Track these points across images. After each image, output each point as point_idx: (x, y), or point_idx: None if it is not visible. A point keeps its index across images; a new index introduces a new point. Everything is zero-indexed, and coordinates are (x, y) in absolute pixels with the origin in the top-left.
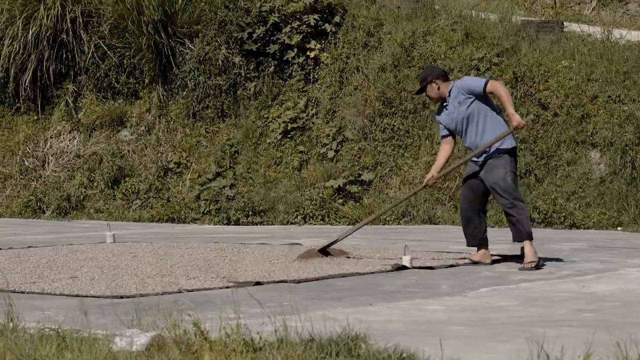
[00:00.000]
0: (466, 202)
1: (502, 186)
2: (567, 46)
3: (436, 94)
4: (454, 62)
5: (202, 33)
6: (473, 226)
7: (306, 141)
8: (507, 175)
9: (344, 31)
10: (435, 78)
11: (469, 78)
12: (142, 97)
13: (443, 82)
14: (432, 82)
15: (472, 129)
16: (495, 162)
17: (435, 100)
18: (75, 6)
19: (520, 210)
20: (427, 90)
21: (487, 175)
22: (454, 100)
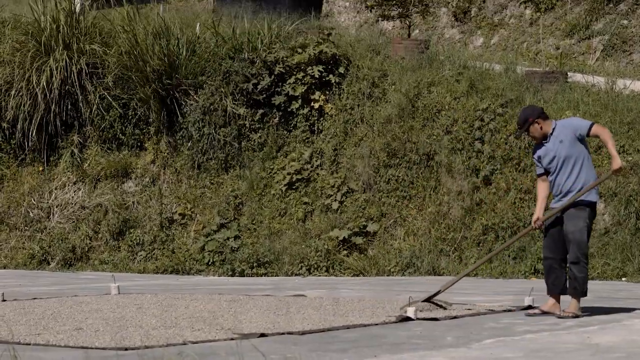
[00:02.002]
0: (549, 251)
1: (578, 238)
2: (571, 96)
3: (540, 133)
4: (458, 113)
5: (206, 84)
6: (554, 275)
7: (311, 192)
8: (584, 229)
9: (348, 82)
10: (536, 118)
11: (574, 118)
12: (147, 148)
13: (544, 121)
14: (534, 122)
15: (565, 170)
16: (578, 212)
17: (538, 139)
18: (81, 58)
19: (583, 268)
20: (531, 130)
21: (567, 222)
22: (556, 139)
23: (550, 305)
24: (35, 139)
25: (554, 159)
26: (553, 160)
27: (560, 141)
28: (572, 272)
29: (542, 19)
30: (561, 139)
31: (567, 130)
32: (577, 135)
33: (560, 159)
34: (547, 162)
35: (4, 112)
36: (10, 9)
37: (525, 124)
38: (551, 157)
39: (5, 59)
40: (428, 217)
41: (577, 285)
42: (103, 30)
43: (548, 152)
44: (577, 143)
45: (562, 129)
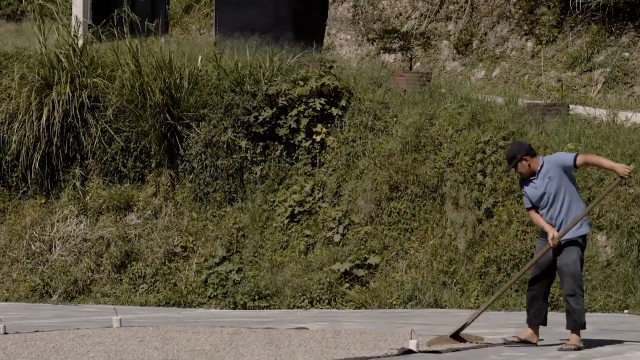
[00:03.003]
0: (535, 282)
1: (572, 271)
2: (573, 129)
3: (527, 170)
4: (460, 145)
5: (208, 117)
6: (537, 306)
7: (312, 225)
8: (577, 262)
9: (350, 115)
10: (524, 155)
11: (558, 153)
12: (149, 181)
13: (532, 158)
14: (522, 159)
15: (557, 205)
16: (572, 245)
17: (526, 176)
18: (83, 91)
19: (579, 300)
20: (519, 167)
21: (560, 255)
22: (544, 176)
23: (528, 334)
24: (38, 171)
25: (544, 195)
26: (543, 197)
27: (549, 177)
28: (569, 305)
29: (544, 52)
30: (550, 175)
31: (555, 166)
32: (565, 169)
33: (551, 195)
34: (537, 199)
35: (6, 145)
36: (13, 42)
37: (513, 160)
38: (541, 194)
39: (8, 93)
40: (430, 249)
41: (575, 318)
42: (105, 63)
43: (538, 189)
44: (565, 178)
45: (550, 165)
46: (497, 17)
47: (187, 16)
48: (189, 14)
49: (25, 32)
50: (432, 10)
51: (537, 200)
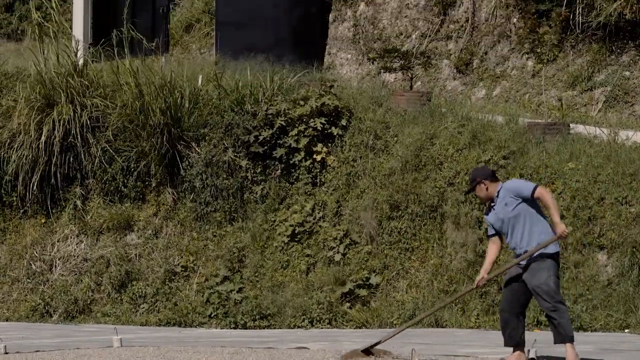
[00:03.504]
0: (506, 303)
1: (545, 289)
2: (573, 148)
3: (485, 194)
4: (461, 165)
5: (208, 136)
6: (511, 327)
7: (313, 244)
8: (549, 279)
9: (350, 134)
10: (483, 179)
11: (517, 181)
12: (150, 200)
13: (491, 183)
14: (480, 182)
15: (518, 230)
16: (539, 265)
17: (483, 200)
18: (83, 111)
19: (562, 313)
20: (476, 190)
21: (531, 278)
22: (502, 201)
23: (515, 356)
24: (38, 191)
25: (504, 222)
26: (503, 224)
27: (505, 204)
28: (553, 321)
29: (544, 71)
30: (506, 202)
31: (511, 193)
32: (521, 198)
33: (510, 221)
34: (499, 226)
35: (6, 165)
36: (13, 62)
37: (472, 183)
38: (501, 221)
39: (9, 112)
40: (431, 269)
41: (561, 331)
42: (105, 83)
43: (497, 215)
44: (523, 204)
45: (506, 192)
46: (498, 36)
47: (187, 36)
48: (189, 33)
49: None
50: (433, 29)
51: (499, 227)
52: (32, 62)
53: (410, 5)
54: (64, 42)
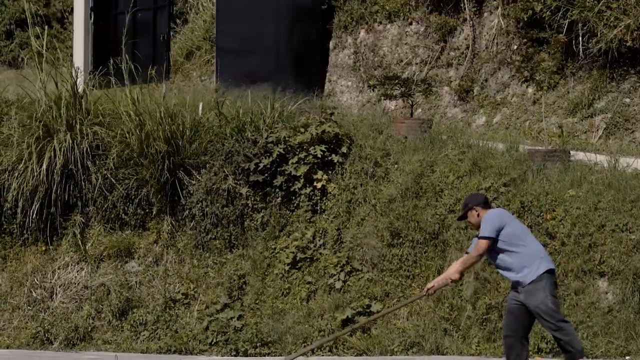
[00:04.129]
0: (509, 329)
1: (544, 309)
2: (574, 175)
3: (475, 221)
4: (461, 192)
5: (209, 164)
6: (516, 353)
7: (314, 272)
8: (546, 299)
9: (350, 161)
10: (475, 205)
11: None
12: (150, 228)
13: (483, 209)
14: (472, 208)
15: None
16: (534, 286)
17: (474, 226)
18: (83, 139)
19: (567, 331)
20: (468, 216)
21: (529, 299)
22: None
23: None
24: (38, 219)
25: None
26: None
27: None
28: (560, 341)
29: (545, 98)
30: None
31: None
32: None
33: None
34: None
35: (6, 193)
36: (14, 89)
37: (465, 208)
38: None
39: (9, 140)
40: (432, 296)
41: (570, 349)
42: (106, 111)
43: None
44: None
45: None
46: (498, 64)
47: (188, 63)
48: (190, 60)
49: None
50: (433, 56)
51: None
52: (33, 89)
53: (410, 32)
54: (65, 69)
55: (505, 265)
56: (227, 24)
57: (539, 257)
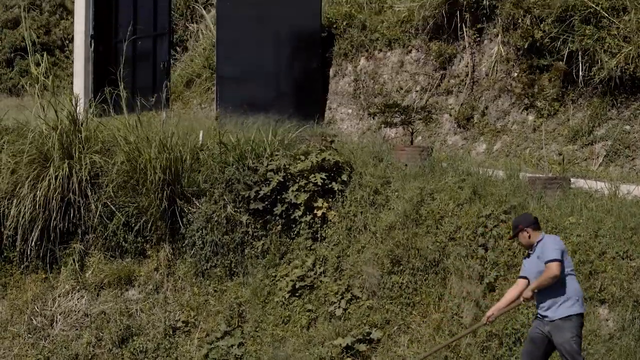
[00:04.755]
0: (528, 356)
1: (568, 349)
2: (574, 202)
3: (526, 242)
4: (462, 220)
5: (209, 192)
6: None
7: (314, 299)
8: (572, 340)
9: (351, 189)
10: (526, 226)
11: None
12: (150, 255)
13: (534, 231)
14: (523, 230)
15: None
16: (563, 324)
17: (525, 247)
18: (82, 167)
19: None
20: (519, 237)
21: (555, 334)
22: (535, 254)
23: None
24: (38, 246)
25: (532, 272)
26: (531, 273)
27: (537, 257)
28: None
29: (545, 125)
30: (538, 254)
31: (542, 249)
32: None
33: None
34: (527, 272)
35: (6, 220)
36: (13, 117)
37: (515, 230)
38: (529, 269)
39: (8, 167)
40: (432, 323)
41: None
42: (105, 138)
43: (531, 263)
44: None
45: (542, 245)
46: (499, 91)
47: (188, 90)
48: (190, 88)
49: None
50: (433, 84)
51: (527, 273)
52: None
53: (410, 60)
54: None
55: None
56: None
57: (576, 297)
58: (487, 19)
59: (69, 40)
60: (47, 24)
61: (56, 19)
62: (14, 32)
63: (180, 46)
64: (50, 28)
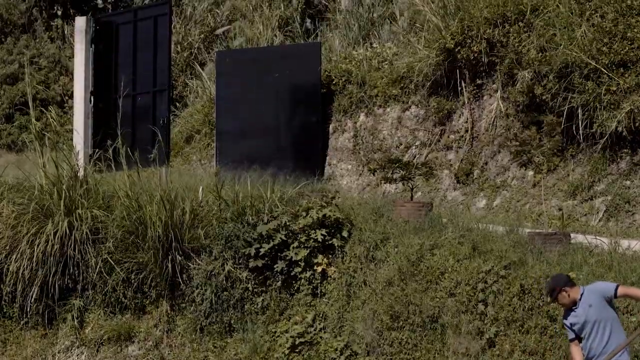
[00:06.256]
0: None
1: None
2: (574, 258)
3: (568, 301)
4: (462, 275)
5: (209, 248)
6: None
7: (314, 356)
8: None
9: (351, 245)
10: (563, 286)
11: (600, 282)
12: (150, 311)
13: (571, 288)
14: (561, 291)
15: (597, 334)
16: None
17: (568, 306)
18: (82, 222)
19: None
20: (559, 299)
21: None
22: (585, 304)
23: None
24: (38, 302)
25: (585, 324)
26: (585, 326)
27: (589, 305)
28: None
29: (544, 181)
30: (590, 303)
31: (595, 295)
32: (605, 299)
33: (591, 323)
34: (579, 329)
35: (6, 276)
36: (14, 173)
37: (554, 293)
38: (582, 323)
39: (8, 223)
40: None
41: None
42: (105, 194)
43: (579, 318)
44: (607, 306)
45: (590, 293)
46: (498, 146)
47: (188, 146)
48: (190, 144)
49: (26, 162)
50: (433, 139)
51: (579, 329)
52: (32, 173)
53: (410, 116)
54: (65, 152)
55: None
56: (226, 107)
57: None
58: (487, 75)
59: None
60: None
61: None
62: (13, 87)
63: (180, 102)
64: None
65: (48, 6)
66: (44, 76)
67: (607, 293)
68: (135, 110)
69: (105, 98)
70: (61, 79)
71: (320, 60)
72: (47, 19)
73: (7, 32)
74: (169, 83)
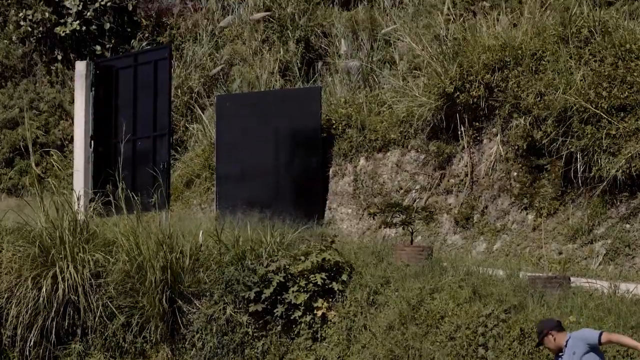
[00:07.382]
0: None
1: None
2: (574, 301)
3: (554, 345)
4: (462, 319)
5: (209, 292)
6: None
7: None
8: None
9: (351, 289)
10: (550, 330)
11: (584, 330)
12: (150, 356)
13: (558, 333)
14: (548, 334)
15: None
16: None
17: (553, 351)
18: (83, 267)
19: None
20: (545, 342)
21: None
22: (569, 350)
23: None
24: (37, 346)
25: None
26: None
27: (573, 353)
28: None
29: (544, 224)
30: (574, 350)
31: (580, 342)
32: (589, 346)
33: None
34: None
35: (6, 321)
36: (14, 217)
37: (540, 335)
38: None
39: (8, 267)
40: None
41: None
42: (105, 238)
43: None
44: (591, 354)
45: (576, 341)
46: (498, 190)
47: (188, 190)
48: (190, 188)
49: (26, 206)
50: (433, 183)
51: None
52: (32, 217)
53: (409, 160)
54: (65, 197)
55: None
56: (226, 151)
57: None
58: (486, 119)
59: (68, 141)
60: (46, 124)
61: (55, 119)
62: (14, 132)
63: (181, 146)
64: (49, 128)
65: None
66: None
67: (591, 340)
68: (135, 154)
69: (105, 142)
70: (61, 123)
71: (321, 105)
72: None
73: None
74: (169, 127)
